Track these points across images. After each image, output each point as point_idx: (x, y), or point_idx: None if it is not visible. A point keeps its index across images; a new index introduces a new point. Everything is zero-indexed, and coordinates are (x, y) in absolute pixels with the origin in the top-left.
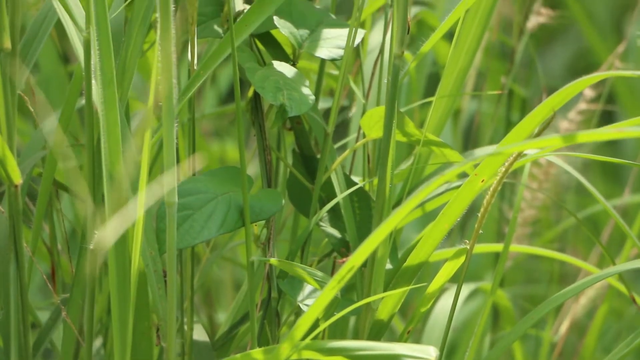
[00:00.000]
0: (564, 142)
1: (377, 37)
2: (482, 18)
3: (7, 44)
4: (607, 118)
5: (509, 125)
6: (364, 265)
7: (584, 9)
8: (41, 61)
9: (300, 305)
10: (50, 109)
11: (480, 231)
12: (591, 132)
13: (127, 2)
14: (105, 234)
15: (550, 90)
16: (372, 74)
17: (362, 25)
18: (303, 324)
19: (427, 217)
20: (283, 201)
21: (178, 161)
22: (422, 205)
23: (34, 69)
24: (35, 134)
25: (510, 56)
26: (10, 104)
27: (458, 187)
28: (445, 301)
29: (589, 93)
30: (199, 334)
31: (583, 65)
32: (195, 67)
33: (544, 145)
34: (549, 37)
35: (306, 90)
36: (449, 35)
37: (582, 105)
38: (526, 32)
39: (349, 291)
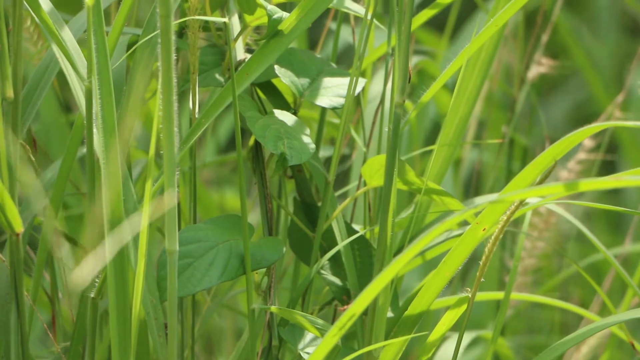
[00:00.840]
0: (566, 190)
1: (377, 86)
2: (482, 68)
3: (10, 93)
4: (607, 168)
5: (510, 174)
6: (365, 313)
7: (587, 58)
8: (42, 110)
9: (301, 353)
10: (51, 158)
11: (482, 279)
12: (593, 180)
13: (129, 52)
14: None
15: (552, 140)
16: (373, 123)
17: (363, 74)
18: None
19: (429, 265)
20: (284, 249)
21: (179, 209)
22: (423, 253)
23: (35, 118)
24: (37, 183)
25: (511, 105)
26: (12, 152)
27: (459, 235)
28: (447, 349)
29: (589, 143)
30: None
31: (585, 114)
32: (196, 116)
33: (545, 194)
34: (550, 86)
35: (307, 139)
36: (450, 84)
37: (582, 155)
38: (527, 81)
39: (350, 339)
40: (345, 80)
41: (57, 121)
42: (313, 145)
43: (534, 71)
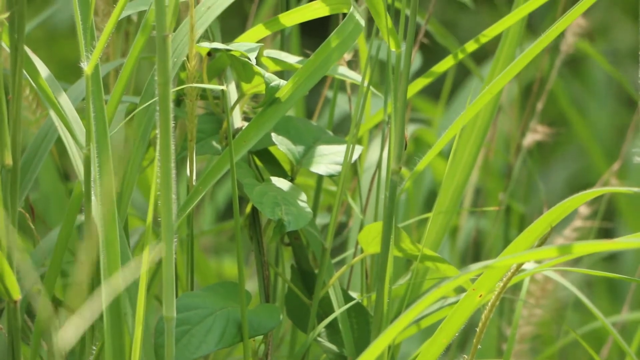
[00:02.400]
0: (561, 253)
1: (374, 154)
2: (478, 135)
3: (9, 160)
4: (604, 235)
5: (507, 242)
6: None
7: (584, 126)
8: (41, 178)
9: None
10: (49, 226)
11: (479, 346)
12: (588, 243)
13: (126, 119)
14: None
15: (550, 207)
16: (370, 190)
17: (359, 141)
18: None
19: (426, 333)
20: (281, 316)
21: (177, 277)
22: (420, 320)
23: (34, 186)
24: (35, 251)
25: (508, 173)
26: (10, 220)
27: (456, 302)
28: None
29: (585, 210)
30: None
31: (583, 182)
32: (194, 183)
33: (541, 257)
34: (548, 155)
35: (304, 205)
36: (446, 152)
37: (578, 223)
38: (523, 149)
39: None
40: (342, 148)
41: (55, 189)
42: (310, 212)
43: (530, 139)
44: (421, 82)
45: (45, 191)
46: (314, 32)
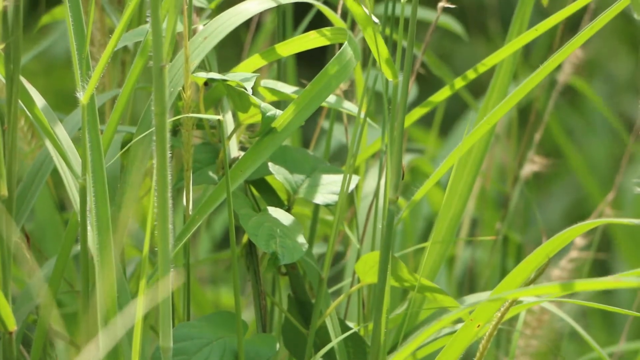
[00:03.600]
0: (562, 290)
1: (371, 183)
2: (474, 166)
3: (4, 191)
4: (599, 266)
5: (504, 272)
6: None
7: (581, 157)
8: (37, 208)
9: None
10: (45, 256)
11: None
12: (588, 281)
13: (123, 150)
14: None
15: (547, 237)
16: (367, 219)
17: (356, 171)
18: None
19: None
20: (278, 346)
21: (173, 306)
22: (417, 350)
23: (30, 215)
24: (31, 281)
25: (505, 203)
26: (6, 251)
27: (453, 332)
28: None
29: (581, 241)
30: None
31: (580, 213)
32: (190, 213)
33: (541, 293)
34: (545, 185)
35: (300, 238)
36: (443, 182)
37: (574, 253)
38: (520, 179)
39: None
40: (339, 178)
41: (51, 219)
42: (306, 244)
43: (527, 169)
44: (418, 112)
45: (41, 221)
46: (311, 61)
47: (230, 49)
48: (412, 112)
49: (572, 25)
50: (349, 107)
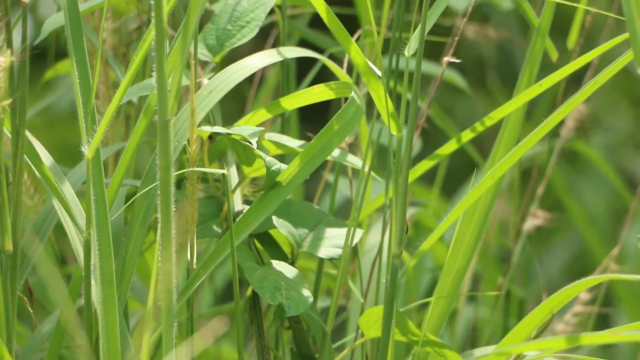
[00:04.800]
0: (567, 344)
1: (374, 237)
2: (479, 220)
3: (9, 246)
4: (603, 320)
5: (506, 327)
6: None
7: (583, 212)
8: (38, 262)
9: None
10: (48, 310)
11: None
12: (593, 334)
13: (127, 204)
14: None
15: (549, 292)
16: (371, 274)
17: (360, 225)
18: None
19: None
20: None
21: None
22: None
23: (32, 270)
24: (34, 336)
25: (507, 258)
26: (9, 305)
27: None
28: None
29: (585, 296)
30: None
31: (581, 267)
32: (194, 267)
33: (545, 347)
34: (547, 239)
35: (304, 290)
36: (446, 236)
37: (578, 308)
38: (523, 234)
39: None
40: (343, 231)
41: (53, 273)
42: (311, 296)
43: (529, 224)
44: (423, 166)
45: (43, 275)
46: (315, 114)
47: (233, 103)
48: (416, 166)
49: (575, 79)
50: (354, 161)
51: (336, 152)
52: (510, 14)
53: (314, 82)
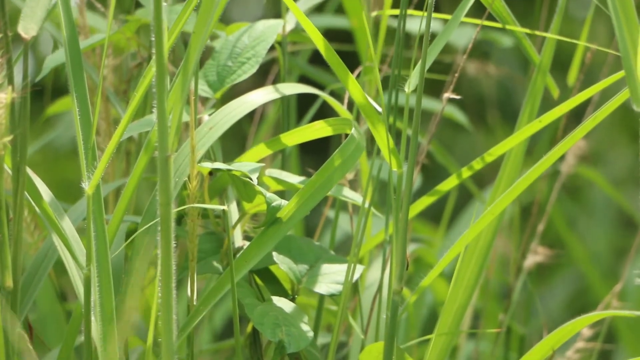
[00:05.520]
0: None
1: (375, 273)
2: (480, 256)
3: (9, 282)
4: (605, 357)
5: None
6: None
7: (583, 248)
8: (39, 298)
9: None
10: (48, 347)
11: None
12: None
13: (128, 240)
14: None
15: (550, 329)
16: (371, 310)
17: (360, 261)
18: None
19: None
20: None
21: None
22: None
23: (32, 307)
24: None
25: (508, 294)
26: (10, 342)
27: None
28: None
29: (587, 332)
30: None
31: (582, 303)
32: (194, 303)
33: None
34: (548, 275)
35: (305, 326)
36: (447, 273)
37: (580, 344)
38: (523, 270)
39: None
40: (343, 267)
41: (53, 310)
42: (311, 333)
43: (530, 260)
44: (423, 202)
45: (43, 312)
46: (315, 149)
47: (234, 139)
48: (417, 202)
49: (576, 115)
50: (354, 197)
51: (337, 188)
52: (510, 51)
53: (315, 117)
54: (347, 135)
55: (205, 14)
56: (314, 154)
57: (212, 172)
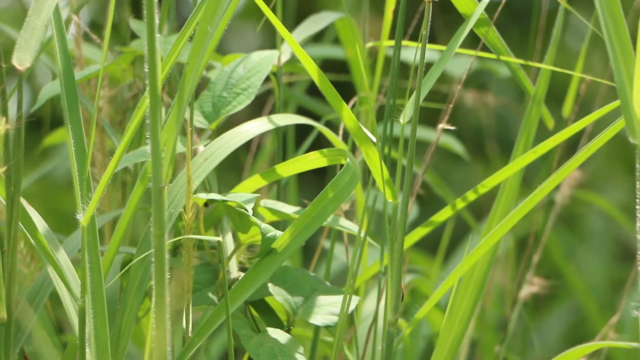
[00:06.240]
0: None
1: (371, 304)
2: (475, 287)
3: (3, 314)
4: None
5: None
6: None
7: (581, 279)
8: (34, 330)
9: None
10: None
11: None
12: None
13: (122, 271)
14: None
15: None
16: (367, 341)
17: (356, 292)
18: None
19: None
20: None
21: None
22: None
23: (28, 338)
24: None
25: (504, 325)
26: None
27: None
28: None
29: None
30: None
31: (579, 335)
32: (189, 334)
33: None
34: (545, 306)
35: (301, 358)
36: (443, 303)
37: None
38: (519, 301)
39: None
40: (339, 299)
41: (49, 341)
42: None
43: (526, 291)
44: (419, 233)
45: (39, 343)
46: (313, 179)
47: (231, 170)
48: (413, 233)
49: (572, 146)
50: (350, 226)
51: (332, 218)
52: (508, 80)
53: (313, 146)
54: (342, 165)
55: (199, 45)
56: (312, 181)
57: (207, 203)
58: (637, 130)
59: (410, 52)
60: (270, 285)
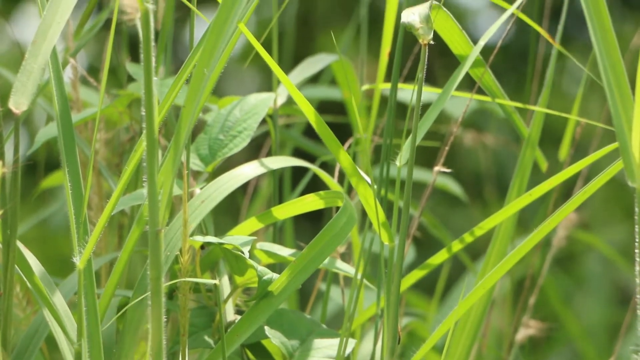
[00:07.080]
0: None
1: (367, 346)
2: (471, 331)
3: None
4: None
5: None
6: None
7: (578, 323)
8: None
9: None
10: None
11: None
12: None
13: (119, 314)
14: None
15: None
16: None
17: (352, 334)
18: None
19: None
20: None
21: None
22: None
23: None
24: None
25: None
26: None
27: None
28: None
29: None
30: None
31: None
32: None
33: None
34: (543, 350)
35: None
36: (440, 346)
37: None
38: (516, 344)
39: None
40: (335, 341)
41: None
42: None
43: (522, 334)
44: (415, 275)
45: None
46: (310, 220)
47: (227, 213)
48: (409, 275)
49: (568, 189)
50: (346, 269)
51: (329, 261)
52: (508, 121)
53: (308, 187)
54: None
55: (196, 88)
56: (308, 222)
57: (204, 246)
58: (637, 174)
59: (408, 93)
60: (266, 328)
